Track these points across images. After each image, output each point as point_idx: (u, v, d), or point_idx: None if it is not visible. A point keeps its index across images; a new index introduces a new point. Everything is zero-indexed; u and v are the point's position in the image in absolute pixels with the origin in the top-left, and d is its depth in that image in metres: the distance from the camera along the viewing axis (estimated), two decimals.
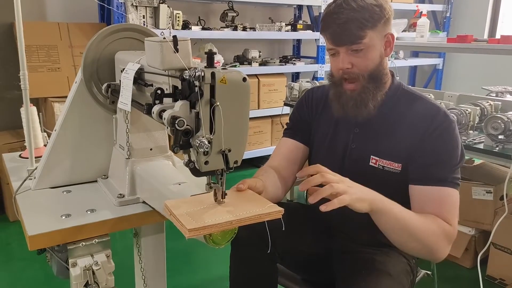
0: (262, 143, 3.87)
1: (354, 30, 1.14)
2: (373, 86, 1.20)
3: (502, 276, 2.19)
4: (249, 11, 4.11)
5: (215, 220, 0.89)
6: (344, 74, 1.20)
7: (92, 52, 1.28)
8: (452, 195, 1.15)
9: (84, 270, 1.10)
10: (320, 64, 4.04)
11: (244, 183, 1.08)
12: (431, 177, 1.16)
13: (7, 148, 2.65)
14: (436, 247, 1.11)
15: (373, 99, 1.21)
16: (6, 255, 2.44)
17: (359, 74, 1.19)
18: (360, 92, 1.20)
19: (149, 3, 3.00)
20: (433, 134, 1.17)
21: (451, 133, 1.18)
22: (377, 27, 1.16)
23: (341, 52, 1.19)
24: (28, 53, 2.81)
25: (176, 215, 0.91)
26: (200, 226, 0.87)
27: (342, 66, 1.19)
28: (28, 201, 1.24)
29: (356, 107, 1.21)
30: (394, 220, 1.08)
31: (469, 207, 2.28)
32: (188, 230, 0.85)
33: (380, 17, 1.16)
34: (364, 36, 1.15)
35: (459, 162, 1.18)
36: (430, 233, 1.10)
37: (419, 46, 3.22)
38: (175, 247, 2.37)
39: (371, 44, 1.17)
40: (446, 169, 1.16)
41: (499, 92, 2.72)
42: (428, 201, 1.15)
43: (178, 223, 0.90)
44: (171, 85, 1.00)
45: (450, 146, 1.17)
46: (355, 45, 1.16)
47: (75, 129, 1.32)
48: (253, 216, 0.92)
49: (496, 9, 4.75)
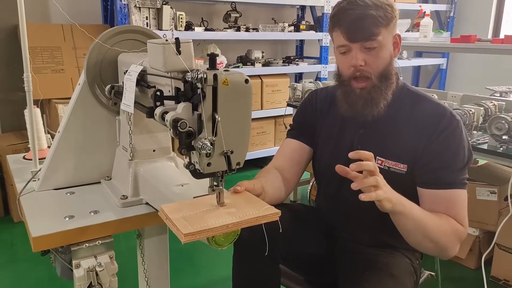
0: (265, 144, 3.87)
1: (370, 26, 1.14)
2: (383, 86, 1.20)
3: (506, 277, 2.18)
4: (252, 11, 4.11)
5: (211, 224, 0.89)
6: (356, 72, 1.19)
7: (95, 54, 1.28)
8: (461, 196, 1.16)
9: (88, 272, 1.10)
10: (323, 65, 4.03)
11: (241, 185, 1.08)
12: (439, 181, 1.16)
13: (11, 149, 2.66)
14: (448, 247, 1.14)
15: (384, 99, 1.21)
16: (11, 256, 2.45)
17: (371, 72, 1.18)
18: (370, 90, 1.20)
19: (152, 4, 3.01)
20: (440, 137, 1.17)
21: (458, 135, 1.17)
22: (389, 26, 1.17)
23: (354, 49, 1.18)
24: (32, 54, 2.82)
25: (172, 219, 0.91)
26: (196, 230, 0.86)
27: (355, 63, 1.18)
28: (32, 202, 1.25)
29: (366, 106, 1.21)
30: (412, 222, 1.10)
31: (473, 208, 2.26)
32: (184, 234, 0.85)
33: (392, 17, 1.17)
34: (378, 33, 1.15)
35: (466, 163, 1.18)
36: (443, 233, 1.12)
37: (423, 46, 3.21)
38: (178, 248, 2.37)
39: (383, 42, 1.17)
40: (454, 172, 1.16)
41: (503, 92, 2.70)
42: (438, 204, 1.16)
43: (173, 227, 0.89)
44: (174, 87, 1.00)
45: (457, 148, 1.17)
46: (369, 42, 1.15)
47: (78, 131, 1.33)
48: (249, 219, 0.92)
49: (500, 8, 4.73)
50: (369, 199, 0.99)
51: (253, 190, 1.10)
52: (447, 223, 1.13)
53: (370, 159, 1.02)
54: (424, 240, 1.12)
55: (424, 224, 1.10)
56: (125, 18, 2.95)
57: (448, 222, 1.13)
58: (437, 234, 1.11)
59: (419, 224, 1.10)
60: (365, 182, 1.00)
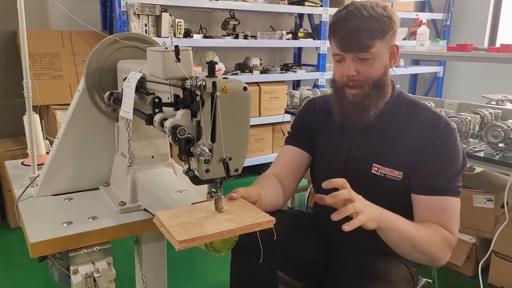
0: (263, 151, 3.87)
1: (363, 38, 1.15)
2: (375, 94, 1.22)
3: (503, 284, 2.18)
4: (250, 19, 4.14)
5: (205, 231, 0.89)
6: (349, 81, 1.21)
7: (94, 61, 1.29)
8: (453, 203, 1.17)
9: (85, 278, 1.10)
10: (321, 72, 4.05)
11: (237, 192, 1.09)
12: (433, 188, 1.17)
13: (10, 155, 2.66)
14: (438, 256, 1.15)
15: (375, 107, 1.22)
16: (7, 262, 2.44)
17: (363, 81, 1.20)
18: (362, 97, 1.21)
19: (151, 11, 3.03)
20: (435, 144, 1.18)
21: (452, 143, 1.19)
22: (385, 38, 1.18)
23: (347, 59, 1.19)
24: (31, 60, 2.79)
25: (167, 226, 0.91)
26: (190, 237, 0.86)
27: (347, 73, 1.20)
28: (30, 208, 1.25)
29: (357, 112, 1.22)
30: (398, 235, 1.11)
31: (470, 215, 2.27)
32: (178, 242, 0.85)
33: (389, 29, 1.18)
34: (372, 45, 1.16)
35: (460, 171, 1.19)
36: (432, 244, 1.13)
37: (419, 54, 3.23)
38: (176, 255, 2.35)
39: (378, 54, 1.18)
40: (447, 179, 1.17)
41: (499, 100, 2.72)
42: (431, 210, 1.17)
43: (168, 234, 0.89)
44: (173, 94, 1.01)
45: (451, 155, 1.18)
46: (362, 53, 1.17)
47: (77, 137, 1.33)
48: (243, 227, 0.92)
49: (496, 18, 4.77)
50: (353, 227, 1.00)
51: (249, 198, 1.10)
52: (436, 232, 1.14)
53: (344, 186, 1.04)
54: (412, 251, 1.13)
55: (411, 236, 1.11)
56: (124, 25, 2.97)
57: (437, 231, 1.14)
58: (425, 245, 1.12)
59: (405, 236, 1.11)
60: (344, 212, 1.02)
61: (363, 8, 1.17)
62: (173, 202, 1.11)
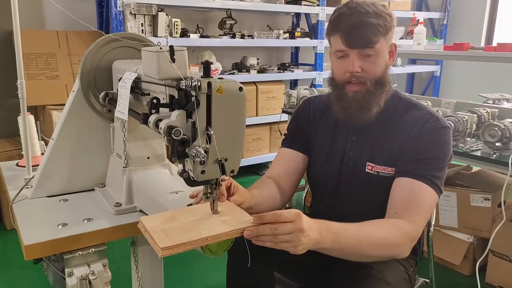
0: (260, 150, 3.87)
1: (369, 34, 1.15)
2: (378, 92, 1.21)
3: (501, 284, 2.19)
4: (247, 19, 4.13)
5: (190, 237, 0.87)
6: (352, 78, 1.20)
7: (90, 62, 1.28)
8: (425, 192, 1.14)
9: (81, 280, 1.09)
10: (318, 71, 4.05)
11: (236, 189, 1.09)
12: (409, 170, 1.17)
13: (5, 156, 2.64)
14: (397, 254, 1.10)
15: (377, 104, 1.22)
16: (4, 263, 2.42)
17: (366, 78, 1.20)
18: (364, 95, 1.21)
19: (148, 11, 3.02)
20: (420, 134, 1.19)
21: (438, 134, 1.18)
22: (387, 35, 1.19)
23: (351, 55, 1.19)
24: (26, 61, 2.81)
25: (150, 232, 0.89)
26: (174, 244, 0.85)
27: (352, 69, 1.19)
28: (24, 210, 1.24)
29: (359, 109, 1.22)
30: (344, 253, 1.06)
31: (467, 214, 2.28)
32: (161, 248, 0.84)
33: (391, 26, 1.19)
34: (377, 41, 1.16)
35: (442, 165, 1.18)
36: (389, 245, 1.07)
37: (416, 53, 3.23)
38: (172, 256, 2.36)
39: (380, 51, 1.18)
40: (425, 166, 1.16)
41: (496, 99, 2.72)
42: (401, 192, 1.15)
43: (151, 240, 0.88)
44: (168, 94, 1.00)
45: (434, 145, 1.18)
46: (367, 49, 1.17)
47: (72, 138, 1.32)
48: (229, 231, 0.90)
49: (493, 17, 4.77)
50: None
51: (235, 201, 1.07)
52: (393, 228, 1.08)
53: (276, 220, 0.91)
54: (362, 258, 1.08)
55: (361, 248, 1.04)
56: (121, 25, 2.96)
57: (394, 227, 1.08)
58: (381, 250, 1.06)
59: (355, 251, 1.05)
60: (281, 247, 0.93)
61: (365, 4, 1.17)
62: (169, 203, 1.11)
